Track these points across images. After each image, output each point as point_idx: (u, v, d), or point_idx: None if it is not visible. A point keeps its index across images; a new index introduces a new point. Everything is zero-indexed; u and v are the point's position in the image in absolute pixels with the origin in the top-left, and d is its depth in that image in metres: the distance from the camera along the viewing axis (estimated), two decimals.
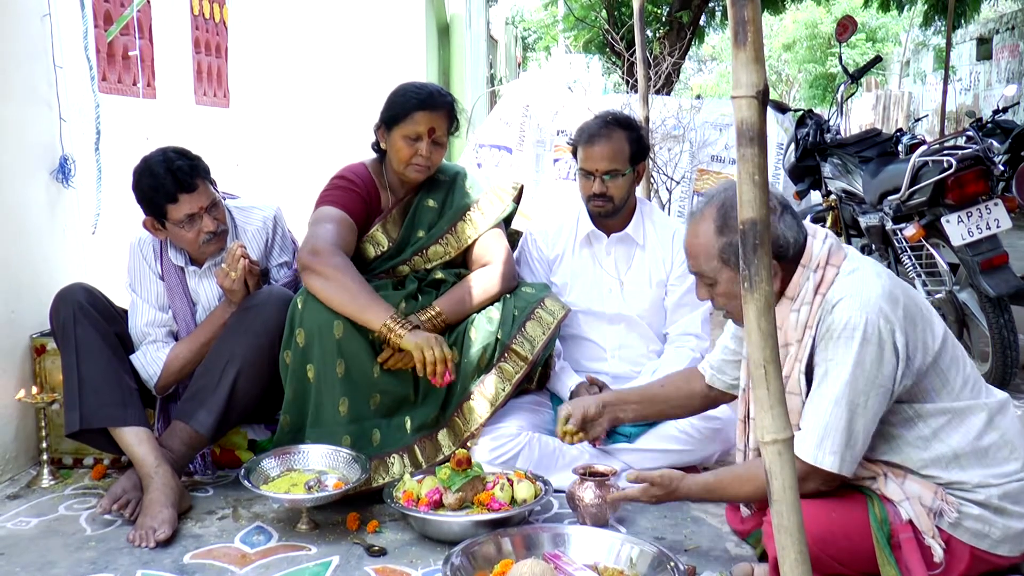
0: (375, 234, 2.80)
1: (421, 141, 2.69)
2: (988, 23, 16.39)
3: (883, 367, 1.83)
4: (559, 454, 2.65)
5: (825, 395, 1.85)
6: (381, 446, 2.60)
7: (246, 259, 2.62)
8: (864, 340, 1.82)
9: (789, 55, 30.10)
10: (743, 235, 1.33)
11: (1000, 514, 1.86)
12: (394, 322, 2.49)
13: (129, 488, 2.50)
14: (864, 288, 1.86)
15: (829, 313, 1.87)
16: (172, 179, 2.56)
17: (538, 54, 24.69)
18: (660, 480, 2.08)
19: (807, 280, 1.93)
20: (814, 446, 1.85)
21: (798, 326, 1.93)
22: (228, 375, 2.59)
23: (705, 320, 2.94)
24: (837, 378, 1.83)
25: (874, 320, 1.82)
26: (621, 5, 11.30)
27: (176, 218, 2.60)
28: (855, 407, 1.83)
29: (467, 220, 2.84)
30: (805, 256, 1.94)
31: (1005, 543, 1.87)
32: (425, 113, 2.68)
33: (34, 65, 2.92)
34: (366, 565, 2.21)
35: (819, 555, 1.84)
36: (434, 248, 2.81)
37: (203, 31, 4.40)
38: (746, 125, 1.31)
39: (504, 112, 6.39)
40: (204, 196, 2.62)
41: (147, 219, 2.67)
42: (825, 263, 1.93)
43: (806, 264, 1.94)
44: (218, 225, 2.67)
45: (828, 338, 1.86)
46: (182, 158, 2.61)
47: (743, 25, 1.28)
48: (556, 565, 2.03)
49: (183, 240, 2.66)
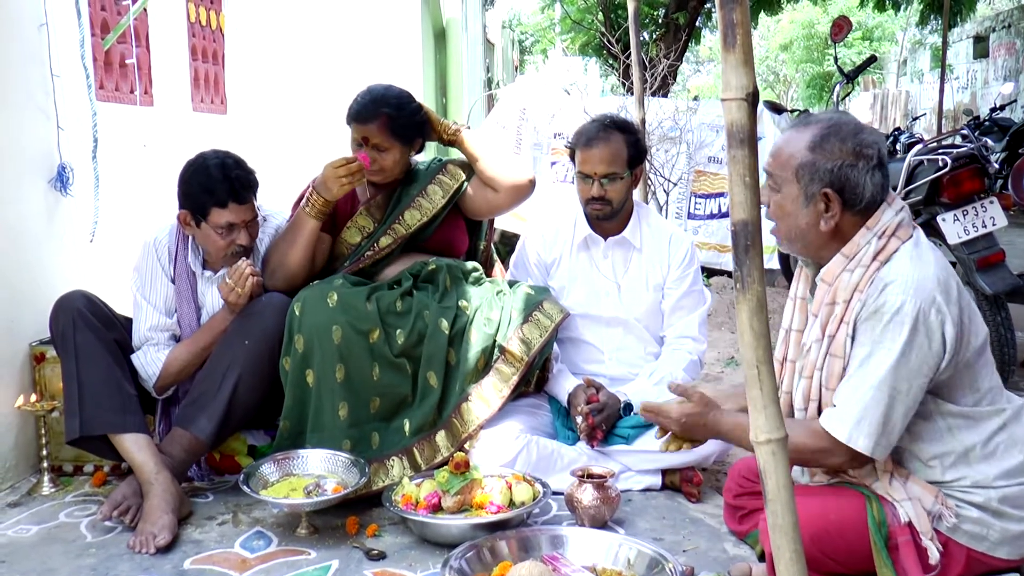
0: (358, 219, 2.87)
1: (364, 150, 2.79)
2: (984, 21, 16.41)
3: (929, 357, 1.79)
4: (557, 456, 2.66)
5: (868, 377, 1.81)
6: (380, 449, 2.61)
7: (254, 276, 2.64)
8: (914, 328, 1.78)
9: (786, 55, 30.15)
10: (734, 236, 1.34)
11: (999, 517, 1.85)
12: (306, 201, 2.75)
13: (129, 494, 2.50)
14: (921, 274, 1.81)
15: (881, 291, 1.82)
16: (228, 186, 2.59)
17: (535, 57, 24.73)
18: (700, 399, 2.03)
19: (868, 244, 1.87)
20: (851, 424, 1.81)
21: (848, 286, 1.86)
22: (228, 381, 2.60)
23: (702, 323, 2.95)
24: (882, 362, 1.79)
25: (927, 309, 1.78)
26: (617, 8, 11.31)
27: (217, 223, 2.62)
28: (896, 393, 1.80)
29: (437, 182, 2.90)
30: (872, 219, 1.88)
31: (1004, 545, 1.86)
32: (356, 124, 2.79)
33: (31, 74, 2.93)
34: (365, 569, 2.22)
35: (816, 554, 1.84)
36: (409, 213, 2.85)
37: (200, 38, 4.41)
38: (736, 127, 1.32)
39: (501, 115, 6.40)
40: (250, 211, 2.66)
41: (183, 212, 2.68)
42: (892, 233, 1.87)
43: (871, 227, 1.87)
44: (251, 241, 2.71)
45: (877, 319, 1.81)
46: (240, 168, 2.66)
47: (732, 28, 1.30)
48: (554, 567, 2.04)
49: (211, 244, 2.68)
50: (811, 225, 1.89)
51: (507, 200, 2.91)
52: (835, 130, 1.87)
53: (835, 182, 1.84)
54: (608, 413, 2.68)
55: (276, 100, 5.27)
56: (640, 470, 2.70)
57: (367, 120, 2.76)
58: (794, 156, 1.88)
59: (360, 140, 2.79)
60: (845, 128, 1.87)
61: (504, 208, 3.02)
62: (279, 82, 5.36)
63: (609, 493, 2.40)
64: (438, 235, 2.91)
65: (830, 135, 1.86)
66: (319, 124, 6.02)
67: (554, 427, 2.82)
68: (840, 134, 1.86)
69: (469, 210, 2.97)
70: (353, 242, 2.87)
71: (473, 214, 3.00)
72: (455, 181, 2.91)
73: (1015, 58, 15.27)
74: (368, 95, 2.80)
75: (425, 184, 2.90)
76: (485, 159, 2.87)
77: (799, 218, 1.90)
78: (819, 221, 1.88)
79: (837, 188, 1.85)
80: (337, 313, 2.59)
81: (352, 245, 2.87)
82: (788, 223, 1.92)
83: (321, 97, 5.97)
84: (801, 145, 1.88)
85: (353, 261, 2.85)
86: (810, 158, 1.86)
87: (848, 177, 1.84)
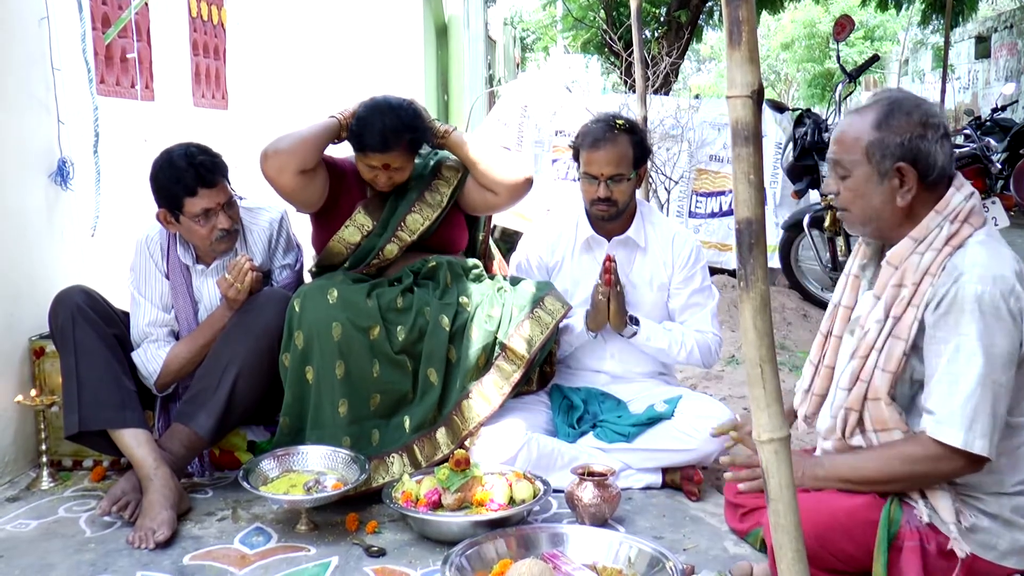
0: (357, 216, 2.83)
1: (379, 172, 2.76)
2: (986, 21, 16.41)
3: (1013, 346, 1.77)
4: (558, 454, 2.65)
5: (966, 375, 1.77)
6: (380, 446, 2.61)
7: (253, 271, 2.64)
8: (997, 317, 1.75)
9: (787, 54, 30.11)
10: (738, 234, 1.33)
11: (1009, 527, 1.83)
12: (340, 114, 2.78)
13: (128, 490, 2.50)
14: (997, 263, 1.79)
15: (955, 281, 1.79)
16: (194, 173, 2.59)
17: (536, 54, 24.70)
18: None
19: (939, 229, 1.85)
20: (964, 428, 1.75)
21: (919, 269, 1.84)
22: (228, 377, 2.60)
23: (714, 315, 2.95)
24: (973, 357, 1.76)
25: (1007, 296, 1.76)
26: (619, 5, 11.30)
27: (192, 212, 2.61)
28: (999, 388, 1.77)
29: (433, 187, 2.89)
30: (942, 202, 1.86)
31: (1012, 555, 1.84)
32: (379, 155, 2.73)
33: (32, 68, 2.92)
34: (365, 566, 2.21)
35: (820, 552, 1.83)
36: (411, 217, 2.84)
37: (201, 33, 4.40)
38: (741, 125, 1.31)
39: (502, 113, 6.39)
40: (222, 193, 2.65)
41: (161, 211, 2.68)
42: (964, 219, 1.85)
43: (940, 211, 1.86)
44: (232, 223, 2.69)
45: (957, 311, 1.78)
46: (204, 154, 2.65)
47: (737, 25, 1.29)
48: (555, 565, 2.03)
49: (195, 236, 2.67)
50: (886, 203, 1.88)
51: (505, 200, 2.91)
52: (897, 105, 1.87)
53: (907, 155, 1.84)
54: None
55: (277, 96, 5.26)
56: (641, 468, 2.70)
57: (391, 148, 2.72)
58: (861, 137, 1.88)
59: (381, 167, 2.75)
60: (907, 102, 1.88)
61: (502, 206, 3.01)
62: (280, 78, 5.35)
63: (610, 491, 2.40)
64: (439, 234, 2.90)
65: (894, 111, 1.86)
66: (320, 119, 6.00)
67: (555, 425, 2.81)
68: (904, 108, 1.86)
69: (467, 207, 2.97)
70: (352, 241, 2.84)
71: (472, 211, 2.99)
72: (451, 182, 2.90)
73: (1017, 58, 15.26)
74: (381, 121, 2.72)
75: (424, 187, 2.88)
76: (478, 163, 2.85)
77: (874, 198, 1.88)
78: (895, 197, 1.87)
79: (910, 160, 1.84)
80: (337, 310, 2.58)
81: (351, 244, 2.84)
82: (862, 205, 1.90)
83: (322, 93, 5.96)
84: (866, 125, 1.88)
85: (355, 268, 2.83)
86: (878, 136, 1.86)
87: (919, 148, 1.84)
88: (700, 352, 2.87)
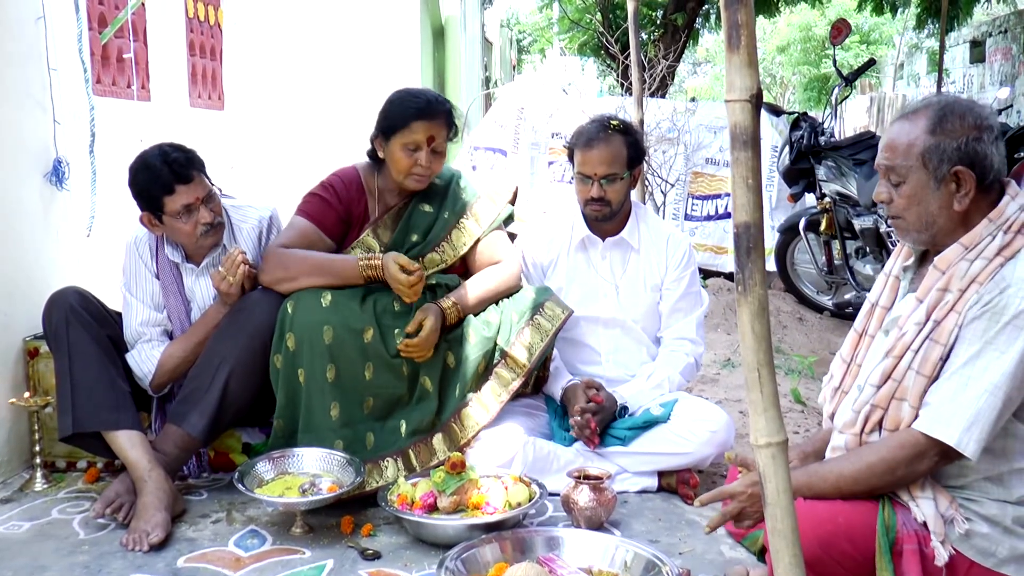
0: (366, 239, 2.77)
1: (420, 151, 2.66)
2: (981, 26, 16.44)
3: None
4: (553, 457, 2.65)
5: (979, 380, 1.75)
6: (375, 449, 2.60)
7: (246, 264, 2.63)
8: None
9: (783, 58, 30.15)
10: (737, 238, 1.33)
11: (1009, 535, 1.82)
12: (365, 258, 2.61)
13: (122, 492, 2.49)
14: None
15: (1001, 291, 1.77)
16: (168, 170, 2.58)
17: (533, 57, 24.69)
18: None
19: (991, 238, 1.83)
20: (962, 429, 1.75)
21: (966, 276, 1.82)
22: (220, 377, 2.59)
23: (700, 324, 2.94)
24: (996, 366, 1.74)
25: None
26: (616, 8, 11.31)
27: (173, 210, 2.61)
28: (1010, 401, 1.75)
29: (461, 228, 2.82)
30: (996, 211, 1.84)
31: (1011, 563, 1.83)
32: (423, 122, 2.64)
33: (28, 68, 2.91)
34: (360, 569, 2.21)
35: (821, 557, 1.83)
36: (430, 256, 2.78)
37: (198, 33, 4.39)
38: (740, 129, 1.31)
39: (499, 115, 6.39)
40: (200, 187, 2.64)
41: (144, 215, 2.67)
42: (1017, 230, 1.83)
43: (993, 219, 1.84)
44: (215, 216, 2.68)
45: (994, 319, 1.76)
46: (177, 151, 2.64)
47: (736, 29, 1.29)
48: (550, 568, 2.03)
49: (180, 234, 2.67)
50: (943, 208, 1.86)
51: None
52: (950, 109, 1.85)
53: (964, 158, 1.82)
54: (603, 416, 2.68)
55: (274, 96, 5.26)
56: (636, 471, 2.69)
57: (435, 115, 2.65)
58: (915, 144, 1.85)
59: (426, 139, 2.65)
60: (959, 106, 1.86)
61: None
62: (277, 78, 5.35)
63: (605, 495, 2.40)
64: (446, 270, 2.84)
65: (947, 114, 1.84)
66: (317, 120, 6.00)
67: (551, 428, 2.81)
68: (957, 111, 1.84)
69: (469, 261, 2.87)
70: None
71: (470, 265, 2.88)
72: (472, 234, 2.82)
73: (1011, 63, 15.30)
74: (422, 93, 2.67)
75: (451, 224, 2.80)
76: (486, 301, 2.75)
77: (931, 203, 1.86)
78: (952, 202, 1.84)
79: (968, 163, 1.82)
80: (329, 313, 2.57)
81: None
82: (918, 211, 1.88)
83: (319, 94, 5.96)
84: (919, 131, 1.85)
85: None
86: (933, 141, 1.84)
87: (976, 151, 1.82)
88: (684, 378, 2.88)
